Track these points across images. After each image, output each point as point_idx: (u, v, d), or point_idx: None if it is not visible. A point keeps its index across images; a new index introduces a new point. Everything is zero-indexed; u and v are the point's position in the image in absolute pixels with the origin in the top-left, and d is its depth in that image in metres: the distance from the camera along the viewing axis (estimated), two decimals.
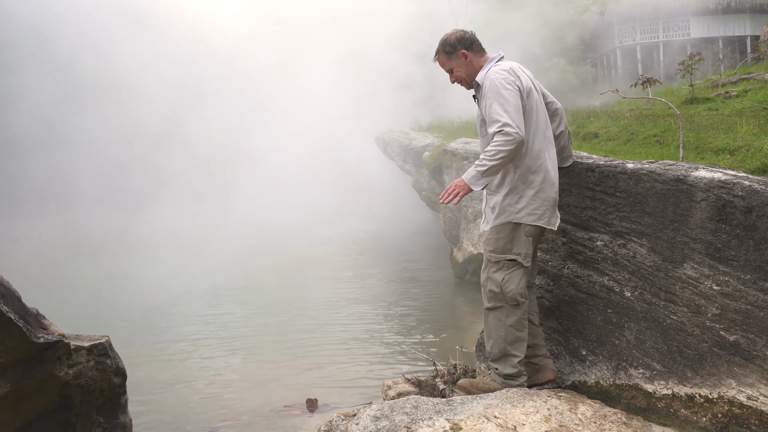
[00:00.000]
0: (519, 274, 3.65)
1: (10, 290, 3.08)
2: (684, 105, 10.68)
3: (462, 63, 3.91)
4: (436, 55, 4.01)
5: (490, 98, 3.60)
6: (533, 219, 3.64)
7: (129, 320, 9.71)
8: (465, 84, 4.00)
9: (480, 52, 3.94)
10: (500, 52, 3.95)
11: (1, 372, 2.92)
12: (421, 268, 12.87)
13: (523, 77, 3.74)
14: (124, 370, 3.75)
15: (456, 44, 3.90)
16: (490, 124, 3.57)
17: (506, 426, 3.11)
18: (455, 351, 5.68)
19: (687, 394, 3.23)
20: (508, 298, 3.64)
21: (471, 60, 3.89)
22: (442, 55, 3.97)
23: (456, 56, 3.91)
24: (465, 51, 3.89)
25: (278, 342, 8.07)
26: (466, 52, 3.89)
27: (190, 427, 5.49)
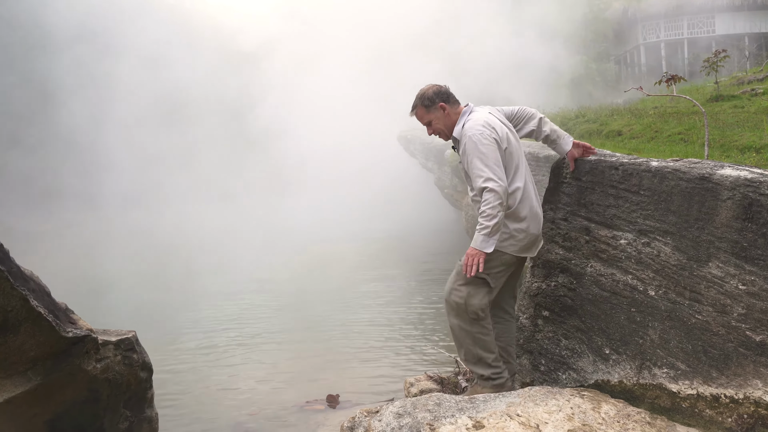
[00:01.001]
0: (483, 291, 3.89)
1: (40, 285, 3.14)
2: (709, 102, 10.59)
3: (440, 116, 4.03)
4: (414, 109, 4.12)
5: (470, 155, 3.77)
6: (515, 250, 3.89)
7: (153, 315, 9.83)
8: (443, 136, 4.14)
9: (455, 104, 4.07)
10: (469, 104, 4.10)
11: (32, 365, 2.97)
12: (442, 267, 12.89)
13: (498, 126, 3.89)
14: (151, 365, 3.80)
15: (434, 98, 4.02)
16: (474, 180, 3.74)
17: (529, 424, 3.12)
18: None
19: (712, 395, 3.21)
20: (469, 312, 3.88)
21: (449, 112, 4.02)
22: (421, 109, 4.07)
23: (434, 109, 4.03)
24: (443, 104, 4.01)
25: (300, 338, 8.13)
26: (444, 105, 4.02)
27: (215, 420, 5.55)
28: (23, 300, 2.83)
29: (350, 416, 3.46)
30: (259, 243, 17.31)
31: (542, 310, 4.11)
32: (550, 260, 4.12)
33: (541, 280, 4.16)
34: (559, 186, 4.11)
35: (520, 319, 4.27)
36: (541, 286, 4.14)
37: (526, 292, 4.25)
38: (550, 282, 4.09)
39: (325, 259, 14.61)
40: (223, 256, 15.83)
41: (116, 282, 13.06)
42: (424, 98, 4.04)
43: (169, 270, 14.27)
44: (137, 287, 12.42)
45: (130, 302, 10.98)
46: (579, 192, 3.97)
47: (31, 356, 2.96)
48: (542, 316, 4.11)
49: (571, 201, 4.02)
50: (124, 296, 11.59)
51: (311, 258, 14.88)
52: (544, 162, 9.37)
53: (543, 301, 4.11)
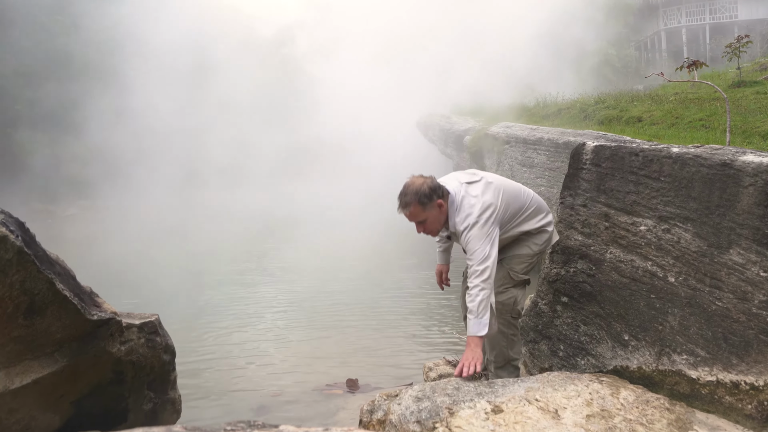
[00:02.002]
0: (525, 292, 4.08)
1: (65, 269, 3.19)
2: (731, 88, 10.48)
3: (436, 213, 3.75)
4: (407, 207, 3.71)
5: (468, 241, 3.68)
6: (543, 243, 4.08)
7: (177, 298, 9.94)
8: (433, 234, 3.92)
9: (446, 194, 3.79)
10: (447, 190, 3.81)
11: (58, 347, 3.03)
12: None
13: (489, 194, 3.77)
14: (173, 348, 3.85)
15: (431, 194, 3.69)
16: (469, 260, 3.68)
17: (547, 409, 3.14)
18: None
19: (732, 381, 3.21)
20: (514, 313, 4.00)
21: (444, 207, 3.76)
22: (417, 207, 3.70)
23: (431, 206, 3.71)
24: (441, 201, 3.73)
25: (320, 323, 8.19)
26: (442, 202, 3.73)
27: (236, 402, 5.63)
28: (49, 283, 2.88)
29: (370, 399, 3.49)
30: (282, 226, 17.43)
31: (561, 296, 4.12)
32: (569, 246, 4.12)
33: (560, 266, 4.16)
34: (579, 172, 4.11)
35: (539, 305, 4.28)
36: (560, 272, 4.15)
37: (545, 278, 4.26)
38: (569, 268, 4.10)
39: (344, 245, 14.65)
40: (243, 240, 15.97)
41: (139, 264, 13.21)
42: (421, 195, 3.67)
43: (190, 253, 14.41)
44: (159, 269, 12.55)
45: (152, 284, 11.10)
46: (599, 178, 3.96)
47: (58, 338, 3.01)
48: (561, 302, 4.12)
49: (590, 187, 4.01)
50: (146, 279, 11.72)
51: (330, 244, 14.94)
52: (564, 148, 9.35)
53: (562, 287, 4.12)
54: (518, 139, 11.38)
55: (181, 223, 18.80)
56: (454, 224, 3.77)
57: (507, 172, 11.61)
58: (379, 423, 3.25)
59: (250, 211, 20.16)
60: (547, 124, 11.77)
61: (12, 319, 2.80)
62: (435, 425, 3.01)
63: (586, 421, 3.03)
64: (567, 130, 10.34)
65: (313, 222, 17.64)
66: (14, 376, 2.88)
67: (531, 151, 10.76)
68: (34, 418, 3.04)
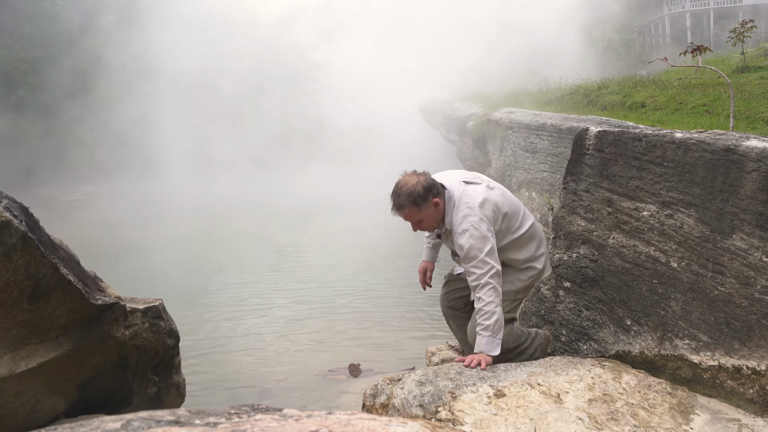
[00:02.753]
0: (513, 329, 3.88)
1: (69, 254, 3.20)
2: (735, 74, 10.44)
3: (432, 213, 3.61)
4: (402, 210, 3.59)
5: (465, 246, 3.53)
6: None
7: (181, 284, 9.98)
8: (429, 230, 3.85)
9: (441, 191, 3.66)
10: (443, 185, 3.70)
11: (63, 331, 3.05)
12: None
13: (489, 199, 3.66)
14: (177, 332, 3.87)
15: (426, 194, 3.55)
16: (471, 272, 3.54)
17: (549, 393, 3.15)
18: None
19: (734, 366, 3.23)
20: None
21: (440, 205, 3.63)
22: (411, 208, 3.57)
23: (426, 206, 3.57)
24: (436, 199, 3.60)
25: (323, 308, 8.22)
26: (437, 200, 3.60)
27: (239, 387, 5.66)
28: (53, 268, 2.89)
29: (373, 384, 3.51)
30: (285, 213, 17.44)
31: (564, 281, 4.13)
32: (572, 232, 4.12)
33: (563, 251, 4.17)
34: (582, 157, 4.10)
35: (542, 290, 4.29)
36: (562, 257, 4.16)
37: None
38: (571, 253, 4.10)
39: (347, 231, 14.67)
40: (248, 225, 16.00)
41: (144, 250, 13.24)
42: (415, 197, 3.53)
43: (195, 238, 14.46)
44: (164, 255, 12.58)
45: (157, 270, 11.14)
46: (602, 163, 3.95)
47: (62, 323, 3.03)
48: (564, 287, 4.13)
49: (593, 172, 4.01)
50: (149, 264, 11.76)
51: (333, 230, 14.97)
52: (567, 134, 9.33)
53: (565, 273, 4.12)
54: (521, 125, 11.35)
55: (185, 210, 18.81)
56: (450, 222, 3.64)
57: (510, 157, 11.60)
58: (382, 407, 3.26)
59: (252, 198, 20.16)
60: (550, 109, 11.74)
61: (17, 304, 2.81)
62: (438, 409, 3.03)
63: (588, 405, 3.05)
64: (570, 115, 10.32)
65: (315, 209, 17.65)
66: (19, 359, 2.90)
67: (534, 136, 10.74)
68: (39, 401, 3.06)
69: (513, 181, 11.34)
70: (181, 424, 1.65)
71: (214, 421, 1.74)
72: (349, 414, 2.01)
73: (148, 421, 1.65)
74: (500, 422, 2.87)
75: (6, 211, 2.68)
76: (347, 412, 2.06)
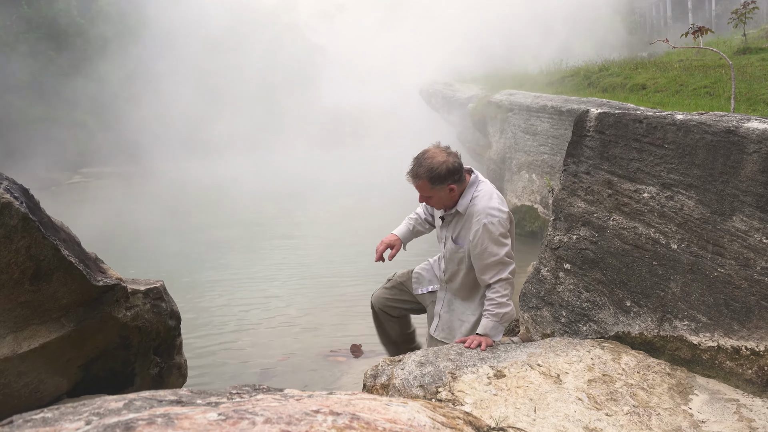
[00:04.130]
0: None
1: (70, 235, 3.21)
2: (736, 55, 10.39)
3: (445, 195, 3.61)
4: (416, 179, 3.57)
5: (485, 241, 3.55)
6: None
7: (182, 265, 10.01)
8: (435, 207, 3.82)
9: (464, 178, 3.66)
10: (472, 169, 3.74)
11: (65, 312, 3.06)
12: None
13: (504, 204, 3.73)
14: (179, 314, 3.89)
15: (446, 177, 3.54)
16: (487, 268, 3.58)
17: (549, 374, 3.17)
18: None
19: (733, 347, 3.24)
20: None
21: (456, 192, 3.63)
22: (425, 183, 3.55)
23: (441, 188, 3.57)
24: (453, 185, 3.59)
25: (325, 289, 8.25)
26: (454, 186, 3.60)
27: (241, 366, 5.70)
28: (54, 249, 2.90)
29: (373, 365, 3.53)
30: (288, 195, 17.45)
31: (564, 262, 4.14)
32: (572, 213, 4.12)
33: (563, 233, 4.17)
34: (582, 139, 4.09)
35: (542, 271, 4.30)
36: (562, 239, 4.16)
37: (547, 245, 4.27)
38: (571, 235, 4.11)
39: (351, 213, 14.65)
40: (249, 206, 16.01)
41: (145, 232, 13.25)
42: (434, 175, 3.51)
43: (195, 220, 14.47)
44: (165, 237, 12.60)
45: (158, 251, 11.16)
46: (602, 145, 3.95)
47: (64, 304, 3.04)
48: (564, 268, 4.14)
49: (593, 154, 4.00)
50: (151, 246, 11.78)
51: (337, 212, 14.96)
52: (567, 116, 9.31)
53: (564, 254, 4.13)
54: (521, 107, 11.32)
55: (184, 192, 18.80)
56: (466, 207, 3.63)
57: (510, 139, 11.58)
58: (382, 387, 3.28)
59: (251, 180, 20.13)
60: (551, 91, 11.69)
61: (19, 285, 2.83)
62: (438, 389, 3.05)
63: (587, 385, 3.07)
64: (570, 97, 10.27)
65: (318, 192, 17.64)
66: (22, 340, 2.92)
67: (534, 118, 10.71)
68: (42, 381, 3.08)
69: (513, 163, 11.33)
70: (183, 404, 1.67)
71: (215, 400, 1.75)
72: (349, 394, 2.03)
73: (150, 400, 1.67)
74: (500, 402, 2.89)
75: (6, 193, 2.69)
76: (348, 393, 2.08)
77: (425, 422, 1.90)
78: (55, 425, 1.44)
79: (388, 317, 4.29)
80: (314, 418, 1.60)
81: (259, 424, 1.50)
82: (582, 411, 2.85)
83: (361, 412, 1.77)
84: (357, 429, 1.58)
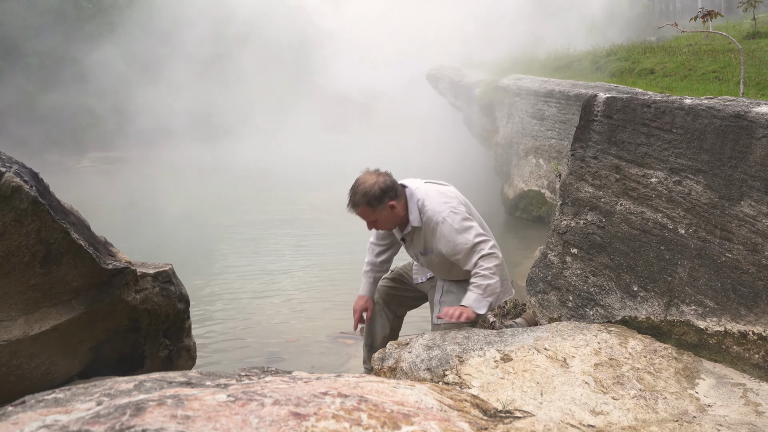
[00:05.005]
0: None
1: (79, 219, 3.23)
2: (746, 40, 10.33)
3: (388, 214, 3.58)
4: (357, 207, 3.57)
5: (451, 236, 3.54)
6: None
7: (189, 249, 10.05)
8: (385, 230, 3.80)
9: (401, 193, 3.64)
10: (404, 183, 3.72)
11: (75, 295, 3.09)
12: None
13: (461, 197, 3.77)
14: (187, 297, 3.92)
15: (382, 196, 3.52)
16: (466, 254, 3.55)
17: (556, 358, 3.18)
18: None
19: (740, 331, 3.25)
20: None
21: (397, 209, 3.60)
22: (366, 208, 3.55)
23: (381, 208, 3.55)
24: (392, 202, 3.56)
25: (333, 272, 8.28)
26: (394, 203, 3.57)
27: (249, 348, 5.74)
28: (64, 232, 2.92)
29: (381, 348, 3.55)
30: (298, 178, 17.48)
31: (571, 247, 4.14)
32: (579, 198, 4.12)
33: (570, 217, 4.17)
34: (590, 124, 4.09)
35: (549, 256, 4.30)
36: (570, 223, 4.16)
37: (554, 230, 4.28)
38: (579, 220, 4.11)
39: None
40: (258, 191, 16.06)
41: (152, 216, 13.29)
42: (370, 197, 3.51)
43: (204, 204, 14.51)
44: (173, 221, 12.63)
45: (166, 235, 11.20)
46: (610, 130, 3.94)
47: (74, 287, 3.07)
48: (570, 253, 4.14)
49: (601, 139, 4.00)
50: (158, 230, 11.82)
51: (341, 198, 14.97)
52: (575, 100, 9.28)
53: (572, 239, 4.13)
54: (529, 92, 11.28)
55: (194, 176, 18.85)
56: (417, 219, 3.63)
57: (518, 124, 11.55)
58: (390, 370, 3.30)
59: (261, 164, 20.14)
60: (558, 76, 11.65)
61: (29, 268, 2.85)
62: (445, 372, 3.07)
63: (594, 369, 3.08)
64: (578, 82, 10.24)
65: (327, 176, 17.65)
66: (33, 322, 2.95)
67: (542, 103, 10.68)
68: (53, 362, 3.11)
69: (521, 148, 11.30)
70: (192, 385, 1.69)
71: (224, 382, 1.77)
72: (357, 377, 2.05)
73: (160, 382, 1.69)
74: (507, 386, 2.91)
75: (16, 176, 2.71)
76: (356, 375, 2.10)
77: (432, 404, 1.91)
78: (66, 405, 1.46)
79: (383, 312, 4.30)
80: (322, 400, 1.61)
81: (268, 405, 1.52)
82: (588, 394, 2.86)
83: (369, 394, 1.78)
84: (365, 411, 1.59)
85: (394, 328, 4.34)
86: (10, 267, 2.78)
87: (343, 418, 1.51)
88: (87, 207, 4.80)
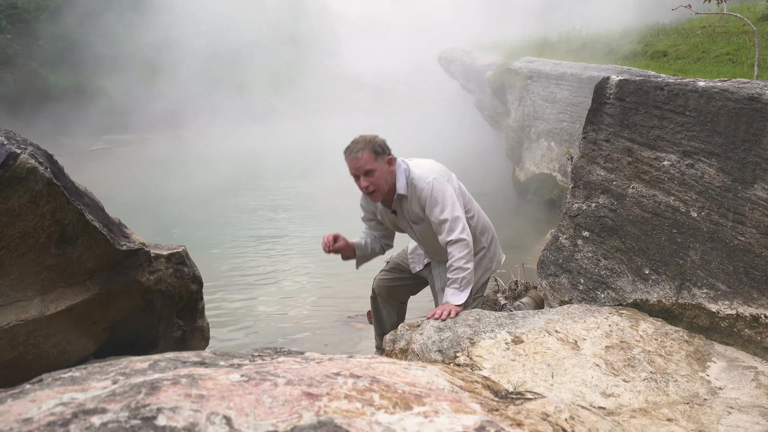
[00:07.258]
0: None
1: (94, 200, 3.25)
2: (760, 21, 10.23)
3: (386, 169, 3.60)
4: (360, 152, 3.52)
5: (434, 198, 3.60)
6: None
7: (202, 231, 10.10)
8: (377, 195, 3.69)
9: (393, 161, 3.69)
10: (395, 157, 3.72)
11: (90, 276, 3.12)
12: (482, 189, 12.87)
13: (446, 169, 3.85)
14: (200, 278, 3.95)
15: (385, 147, 3.60)
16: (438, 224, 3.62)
17: (567, 340, 3.19)
18: (516, 268, 5.75)
19: (752, 315, 3.24)
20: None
21: (392, 169, 3.65)
22: (370, 153, 3.53)
23: (383, 159, 3.58)
24: (391, 157, 3.63)
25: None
26: (392, 159, 3.64)
27: (261, 330, 5.79)
28: (79, 214, 2.95)
29: (392, 330, 3.57)
30: (303, 161, 17.50)
31: (582, 230, 4.14)
32: (591, 181, 4.11)
33: (582, 200, 4.16)
34: (602, 107, 4.07)
35: (560, 239, 4.30)
36: (581, 206, 4.16)
37: (566, 213, 4.27)
38: (590, 203, 4.10)
39: None
40: (272, 175, 16.08)
41: (166, 198, 13.35)
42: (374, 144, 3.55)
43: (217, 187, 14.55)
44: (187, 203, 12.69)
45: (180, 217, 11.27)
46: (622, 113, 3.92)
47: (89, 267, 3.10)
48: (582, 236, 4.14)
49: (613, 122, 3.98)
50: (174, 211, 11.89)
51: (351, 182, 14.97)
52: (587, 83, 9.23)
53: (583, 222, 4.13)
54: (541, 74, 11.22)
55: (207, 160, 18.90)
56: (403, 186, 3.67)
57: (529, 107, 11.50)
58: (401, 352, 3.33)
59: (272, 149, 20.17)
60: (571, 58, 11.58)
61: (45, 249, 2.88)
62: (456, 354, 3.08)
63: (605, 351, 3.09)
64: (590, 64, 10.18)
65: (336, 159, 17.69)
66: (49, 302, 2.98)
67: (554, 86, 10.63)
68: (69, 342, 3.15)
69: (532, 131, 11.26)
70: (206, 365, 1.71)
71: (238, 362, 1.79)
72: (369, 358, 2.06)
73: (175, 361, 1.71)
74: (518, 368, 2.93)
75: (31, 158, 2.73)
76: (368, 356, 2.11)
77: (444, 386, 1.93)
78: (83, 384, 1.48)
79: (387, 303, 4.35)
80: (335, 381, 1.63)
81: (281, 385, 1.53)
82: (599, 377, 2.87)
83: (381, 375, 1.80)
84: (377, 391, 1.60)
85: (400, 314, 4.44)
86: (26, 248, 2.81)
87: (356, 399, 1.52)
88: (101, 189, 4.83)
